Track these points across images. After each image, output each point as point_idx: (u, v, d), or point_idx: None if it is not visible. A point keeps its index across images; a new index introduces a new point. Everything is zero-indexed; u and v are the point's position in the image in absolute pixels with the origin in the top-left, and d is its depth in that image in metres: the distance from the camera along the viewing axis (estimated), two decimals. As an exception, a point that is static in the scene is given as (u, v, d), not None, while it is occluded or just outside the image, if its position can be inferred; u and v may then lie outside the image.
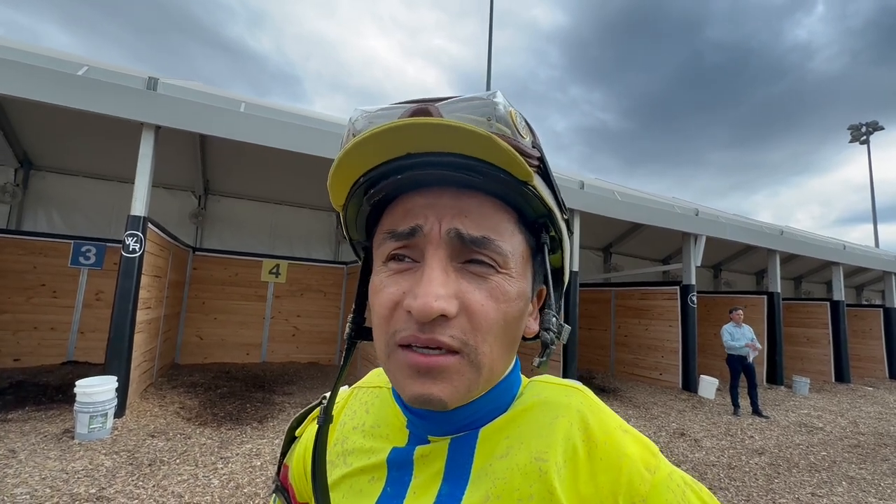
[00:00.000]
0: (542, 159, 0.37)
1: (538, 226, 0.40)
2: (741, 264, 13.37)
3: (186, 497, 2.85)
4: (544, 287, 0.43)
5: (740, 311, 6.38)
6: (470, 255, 0.36)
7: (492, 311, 0.35)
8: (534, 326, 0.42)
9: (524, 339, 0.42)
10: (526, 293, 0.38)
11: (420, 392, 0.35)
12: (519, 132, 0.35)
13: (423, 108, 0.35)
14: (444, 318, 0.34)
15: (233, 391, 5.63)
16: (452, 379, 0.35)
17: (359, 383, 0.54)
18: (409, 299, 0.34)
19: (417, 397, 0.35)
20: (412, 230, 0.36)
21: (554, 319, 0.38)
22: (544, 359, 0.37)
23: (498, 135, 0.33)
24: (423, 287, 0.34)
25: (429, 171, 0.35)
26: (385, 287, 0.37)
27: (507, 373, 0.42)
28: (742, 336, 6.22)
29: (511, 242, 0.37)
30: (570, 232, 0.44)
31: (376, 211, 0.41)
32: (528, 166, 0.34)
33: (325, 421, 0.46)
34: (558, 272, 0.46)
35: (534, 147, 0.36)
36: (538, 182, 0.36)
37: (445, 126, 0.32)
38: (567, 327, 0.40)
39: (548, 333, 0.38)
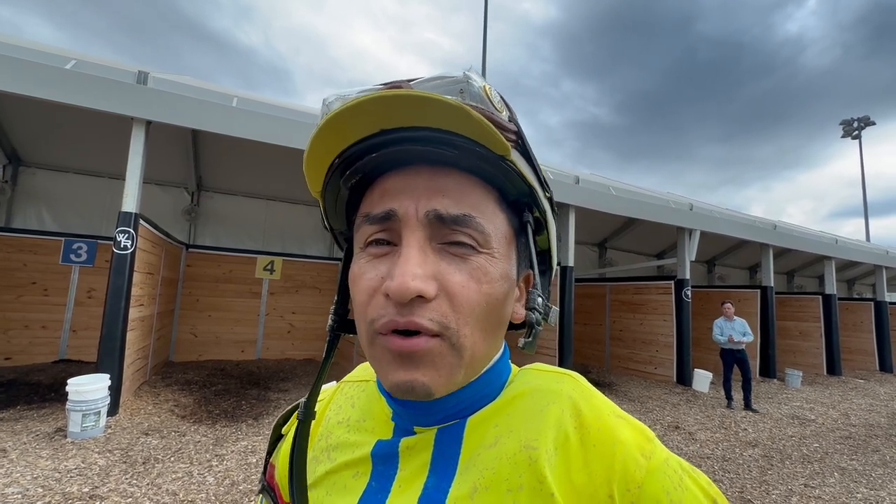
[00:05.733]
0: (519, 134, 0.36)
1: (521, 205, 0.38)
2: (735, 259, 13.46)
3: (181, 495, 2.83)
4: (531, 271, 0.41)
5: (728, 305, 6.42)
6: (450, 235, 0.35)
7: (473, 293, 0.34)
8: (521, 311, 0.41)
9: (513, 326, 0.41)
10: (510, 275, 0.37)
11: (403, 379, 0.34)
12: (494, 106, 0.34)
13: (396, 85, 0.34)
14: (422, 299, 0.33)
15: (228, 388, 5.61)
16: (435, 363, 0.34)
17: (345, 378, 0.52)
18: (386, 282, 0.33)
19: (400, 385, 0.34)
20: (387, 214, 0.35)
21: (539, 300, 0.37)
22: (531, 339, 0.35)
23: (473, 106, 0.32)
24: (399, 267, 0.33)
25: (403, 148, 0.34)
26: (364, 273, 0.36)
27: (494, 360, 0.40)
28: (731, 330, 6.26)
29: (493, 222, 0.36)
30: (555, 212, 0.42)
31: (355, 196, 0.39)
32: (504, 139, 0.32)
33: (306, 417, 0.44)
34: (545, 255, 0.44)
35: (510, 122, 0.35)
36: (516, 157, 0.35)
37: (416, 98, 0.30)
38: (555, 308, 0.39)
39: (533, 313, 0.36)
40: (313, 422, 0.48)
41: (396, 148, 0.34)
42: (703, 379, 7.12)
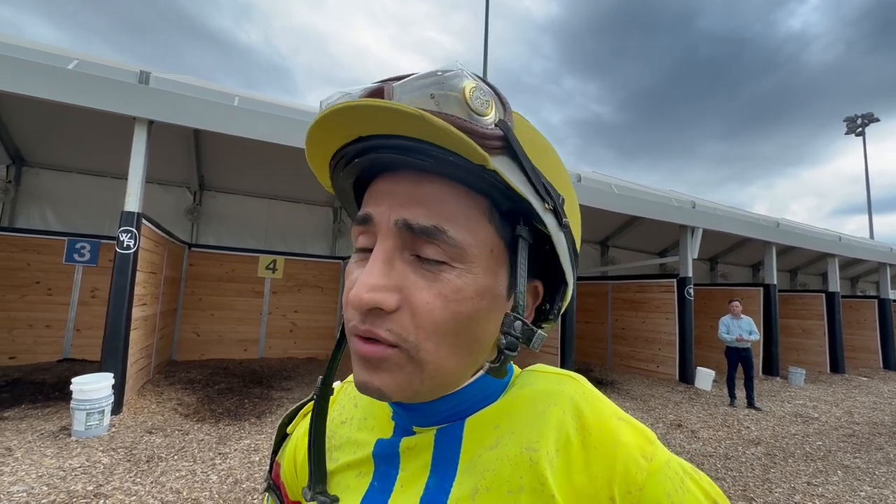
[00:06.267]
0: (506, 139, 0.32)
1: (517, 215, 0.36)
2: (737, 257, 13.41)
3: (185, 493, 2.85)
4: (540, 283, 0.40)
5: (737, 303, 6.39)
6: (421, 246, 0.34)
7: (438, 310, 0.33)
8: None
9: None
10: (491, 290, 0.35)
11: (363, 380, 0.35)
12: (473, 109, 0.31)
13: (378, 88, 0.33)
14: (381, 311, 0.33)
15: (231, 387, 5.63)
16: (392, 371, 0.34)
17: (348, 378, 0.52)
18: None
19: (361, 384, 0.35)
20: (365, 218, 0.36)
21: (518, 323, 0.34)
22: (496, 365, 0.33)
23: (441, 114, 0.30)
24: (361, 277, 0.33)
25: (380, 155, 0.34)
26: (349, 274, 0.37)
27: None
28: (738, 328, 6.24)
29: (474, 234, 0.34)
30: (563, 224, 0.36)
31: (361, 191, 0.40)
32: (479, 147, 0.30)
33: (324, 393, 0.45)
34: (557, 270, 0.39)
35: (498, 125, 0.32)
36: (502, 164, 0.32)
37: (375, 108, 0.30)
38: (541, 334, 0.36)
39: (505, 338, 0.33)
40: (330, 398, 0.48)
41: (373, 155, 0.34)
42: (705, 377, 7.11)
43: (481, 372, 0.39)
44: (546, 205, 0.35)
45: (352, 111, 0.31)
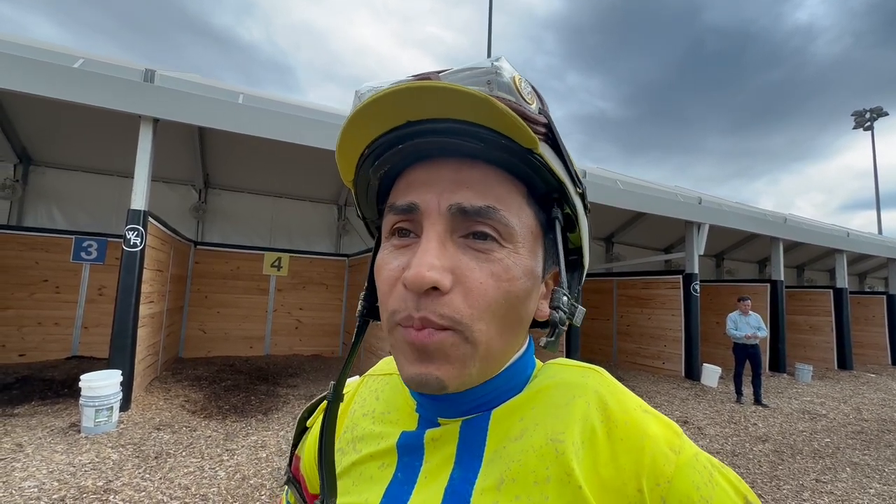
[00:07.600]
0: (549, 126, 0.35)
1: (549, 200, 0.38)
2: (744, 253, 13.32)
3: (193, 489, 2.87)
4: (558, 269, 0.41)
5: (748, 301, 6.34)
6: (472, 227, 0.34)
7: (491, 289, 0.34)
8: (546, 309, 0.40)
9: (539, 323, 0.41)
10: (534, 271, 0.37)
11: (417, 372, 0.34)
12: (523, 98, 0.34)
13: (425, 76, 0.35)
14: (437, 291, 0.33)
15: (237, 384, 5.66)
16: (448, 356, 0.34)
17: (369, 371, 0.53)
18: (405, 272, 0.34)
19: (415, 378, 0.34)
20: (410, 206, 0.35)
21: (564, 298, 0.37)
22: (553, 339, 0.35)
23: (499, 97, 0.32)
24: (417, 258, 0.33)
25: (429, 139, 0.34)
26: (387, 263, 0.37)
27: (519, 354, 0.40)
28: (746, 325, 6.21)
29: (518, 216, 0.35)
30: (588, 209, 0.41)
31: (386, 185, 0.40)
32: (531, 132, 0.32)
33: (335, 399, 0.45)
34: (577, 252, 0.43)
35: (540, 113, 0.35)
36: (545, 150, 0.35)
37: (441, 89, 0.30)
38: (581, 309, 0.38)
39: (556, 312, 0.36)
40: (339, 413, 0.48)
41: (422, 139, 0.34)
42: (711, 373, 7.08)
43: (514, 357, 0.40)
44: (578, 189, 0.38)
45: (411, 92, 0.31)
